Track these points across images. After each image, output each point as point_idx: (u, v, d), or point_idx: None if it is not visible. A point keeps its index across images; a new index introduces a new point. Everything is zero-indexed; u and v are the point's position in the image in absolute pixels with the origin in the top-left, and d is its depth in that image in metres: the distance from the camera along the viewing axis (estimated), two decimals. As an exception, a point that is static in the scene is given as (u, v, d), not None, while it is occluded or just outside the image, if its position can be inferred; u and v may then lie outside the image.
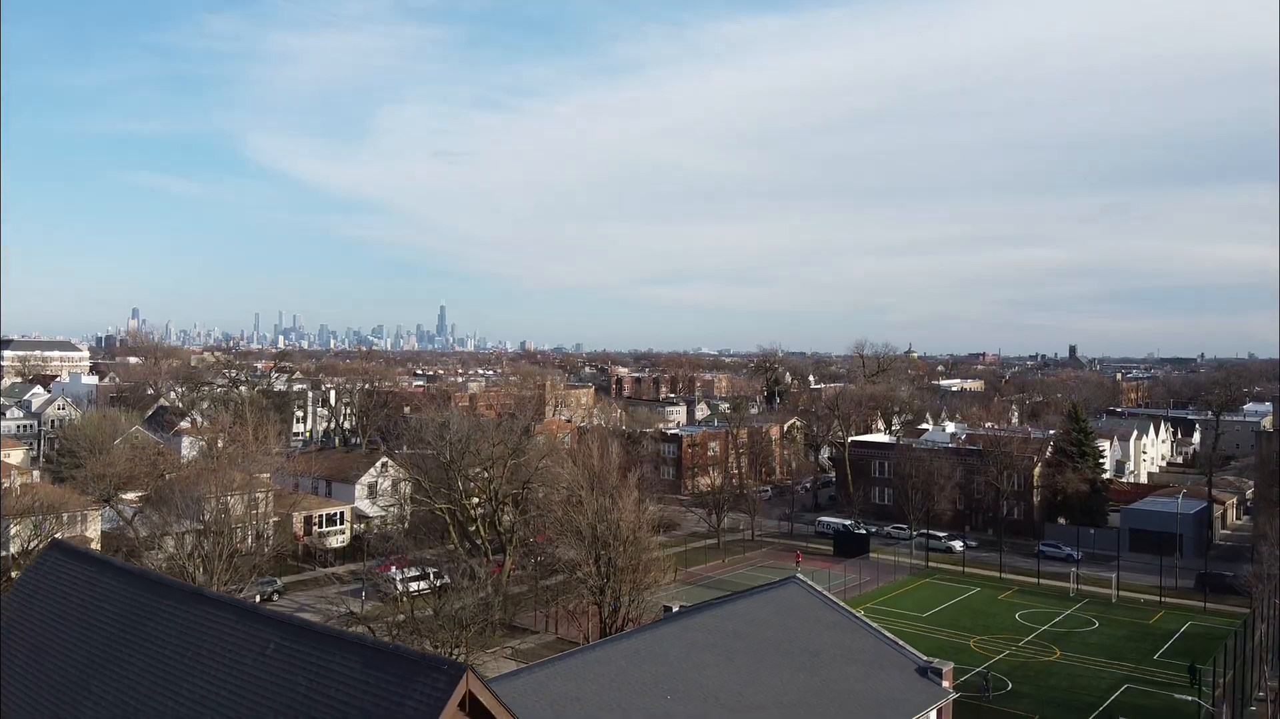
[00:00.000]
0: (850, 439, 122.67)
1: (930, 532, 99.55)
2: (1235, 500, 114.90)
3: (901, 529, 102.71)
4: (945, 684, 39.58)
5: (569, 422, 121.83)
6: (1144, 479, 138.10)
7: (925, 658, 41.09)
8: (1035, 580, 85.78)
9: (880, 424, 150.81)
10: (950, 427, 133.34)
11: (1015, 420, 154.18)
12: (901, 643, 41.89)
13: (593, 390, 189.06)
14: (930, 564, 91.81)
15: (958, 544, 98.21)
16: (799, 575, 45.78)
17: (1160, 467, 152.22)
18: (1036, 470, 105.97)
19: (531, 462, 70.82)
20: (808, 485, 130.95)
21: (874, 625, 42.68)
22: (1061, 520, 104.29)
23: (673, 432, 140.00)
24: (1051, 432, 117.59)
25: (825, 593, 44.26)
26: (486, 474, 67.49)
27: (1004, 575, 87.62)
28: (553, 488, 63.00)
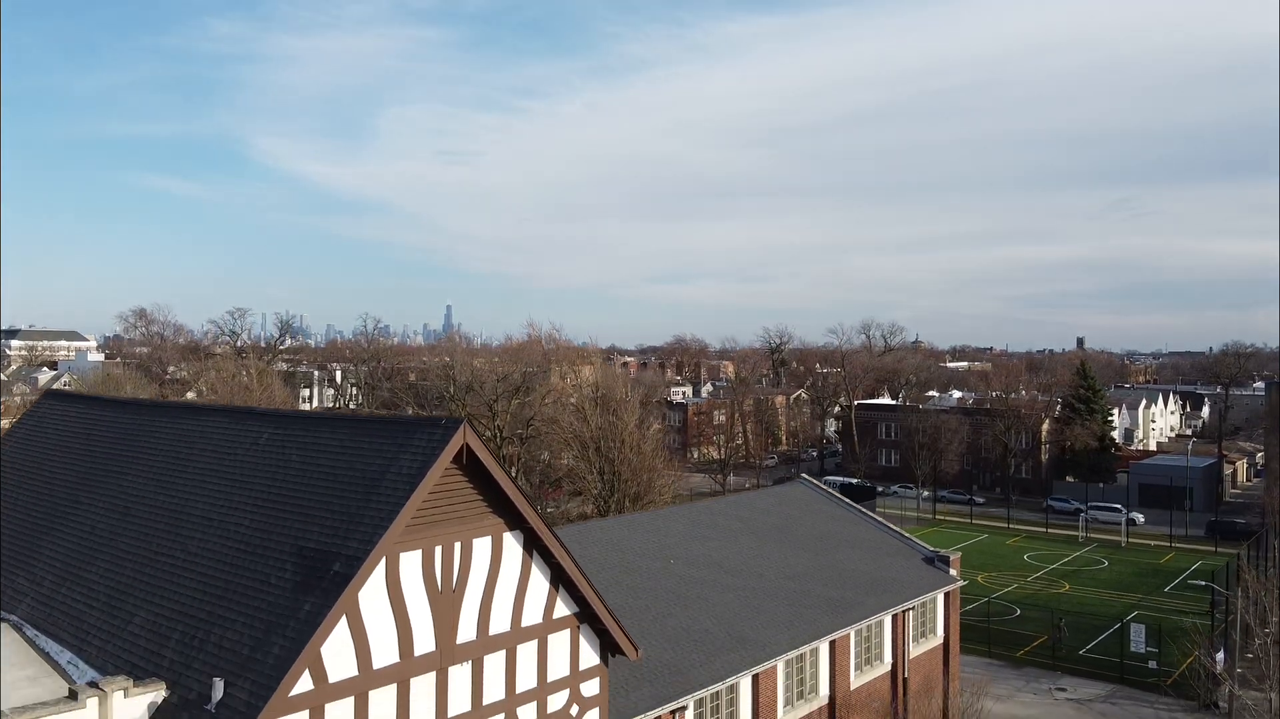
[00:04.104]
0: (856, 402, 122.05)
1: (1099, 504, 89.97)
2: (1245, 462, 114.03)
3: (909, 488, 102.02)
4: (953, 572, 39.03)
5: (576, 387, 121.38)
6: (1152, 447, 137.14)
7: (933, 548, 40.57)
8: (1043, 529, 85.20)
9: (886, 396, 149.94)
10: (957, 394, 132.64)
11: (1023, 392, 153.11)
12: (909, 536, 41.40)
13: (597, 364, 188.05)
14: (938, 516, 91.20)
15: (1139, 517, 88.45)
16: (805, 476, 45.29)
17: (1169, 437, 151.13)
18: (1044, 427, 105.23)
19: (535, 402, 70.35)
20: (814, 453, 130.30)
21: (881, 520, 42.19)
22: (1069, 479, 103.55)
23: (678, 400, 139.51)
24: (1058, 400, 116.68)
25: (832, 491, 43.78)
26: (491, 411, 67.01)
27: (1012, 525, 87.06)
28: (558, 414, 62.37)
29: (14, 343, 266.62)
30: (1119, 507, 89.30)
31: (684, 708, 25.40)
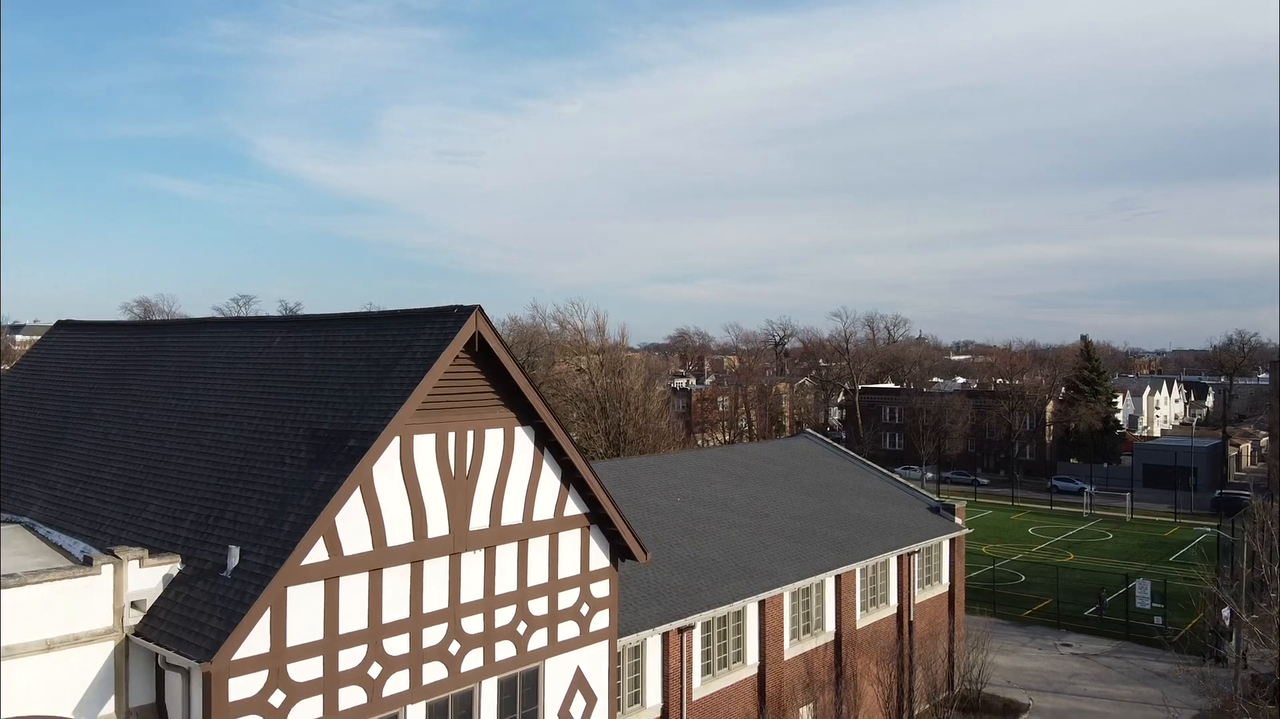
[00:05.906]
0: (860, 386, 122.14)
1: (1231, 490, 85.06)
2: (1249, 446, 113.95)
3: (912, 469, 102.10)
4: (958, 521, 39.11)
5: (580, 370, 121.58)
6: (1157, 434, 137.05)
7: (938, 499, 40.66)
8: (1048, 507, 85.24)
9: (891, 383, 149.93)
10: (961, 380, 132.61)
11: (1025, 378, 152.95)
12: (914, 487, 41.49)
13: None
14: (942, 495, 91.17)
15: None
16: (809, 430, 45.38)
17: (1173, 424, 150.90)
18: (1049, 408, 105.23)
19: (539, 376, 70.37)
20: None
21: (885, 472, 42.27)
22: (1073, 461, 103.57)
23: (682, 387, 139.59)
24: (1063, 383, 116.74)
25: (837, 445, 43.85)
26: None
27: (1016, 503, 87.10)
28: (564, 377, 62.47)
29: (19, 337, 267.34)
30: (1247, 493, 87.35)
31: (692, 627, 25.51)
